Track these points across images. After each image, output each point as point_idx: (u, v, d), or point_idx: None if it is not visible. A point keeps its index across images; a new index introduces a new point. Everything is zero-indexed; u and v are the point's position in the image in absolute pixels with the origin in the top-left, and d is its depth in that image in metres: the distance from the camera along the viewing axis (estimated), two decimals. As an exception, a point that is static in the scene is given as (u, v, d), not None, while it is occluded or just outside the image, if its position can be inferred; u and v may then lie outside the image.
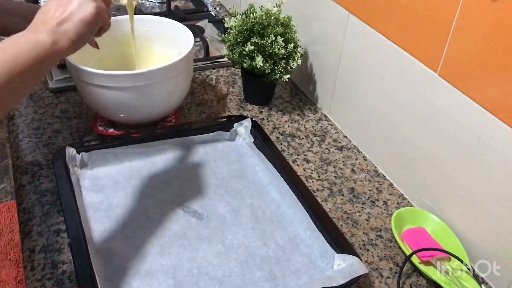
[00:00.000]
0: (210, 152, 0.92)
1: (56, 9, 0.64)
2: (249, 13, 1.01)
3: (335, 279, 0.66)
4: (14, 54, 0.57)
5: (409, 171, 0.87)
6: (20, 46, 0.58)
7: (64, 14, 0.63)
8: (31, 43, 0.59)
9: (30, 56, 0.58)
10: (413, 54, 0.80)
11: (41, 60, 0.60)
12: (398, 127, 0.88)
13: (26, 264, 0.71)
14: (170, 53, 1.00)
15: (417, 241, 0.77)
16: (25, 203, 0.80)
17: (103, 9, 0.68)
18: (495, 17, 0.66)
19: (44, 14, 0.64)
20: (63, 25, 0.63)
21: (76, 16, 0.64)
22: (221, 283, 0.69)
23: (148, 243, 0.73)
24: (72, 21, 0.64)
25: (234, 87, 1.15)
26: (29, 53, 0.58)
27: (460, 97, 0.73)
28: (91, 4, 0.65)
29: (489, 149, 0.70)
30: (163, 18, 1.02)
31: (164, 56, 1.00)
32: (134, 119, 0.93)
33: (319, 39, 1.06)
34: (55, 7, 0.64)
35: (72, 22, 0.64)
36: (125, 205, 0.79)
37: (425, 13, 0.76)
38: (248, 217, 0.79)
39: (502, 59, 0.66)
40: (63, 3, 0.64)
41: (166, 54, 1.01)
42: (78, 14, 0.64)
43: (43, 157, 0.88)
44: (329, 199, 0.87)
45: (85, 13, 0.65)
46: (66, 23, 0.63)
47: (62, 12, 0.63)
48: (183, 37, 0.97)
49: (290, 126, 1.04)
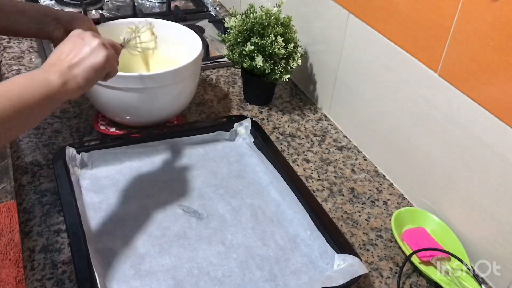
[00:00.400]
0: (210, 152, 0.92)
1: (69, 52, 0.67)
2: (249, 13, 1.01)
3: (335, 279, 0.66)
4: (24, 89, 0.61)
5: (409, 171, 0.87)
6: (31, 84, 0.62)
7: (76, 58, 0.66)
8: (41, 82, 0.62)
9: (39, 93, 0.61)
10: (413, 54, 0.80)
11: (48, 98, 0.62)
12: (398, 127, 0.88)
13: (26, 264, 0.71)
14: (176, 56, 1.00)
15: (417, 241, 0.77)
16: (25, 203, 0.80)
17: (113, 57, 0.71)
18: (495, 17, 0.66)
19: (57, 56, 0.67)
20: (74, 69, 0.66)
21: (87, 62, 0.67)
22: (221, 283, 0.69)
23: (148, 243, 0.73)
24: (82, 66, 0.66)
25: (234, 87, 1.15)
26: (38, 91, 0.61)
27: (460, 97, 0.73)
28: (102, 52, 0.68)
29: (489, 149, 0.70)
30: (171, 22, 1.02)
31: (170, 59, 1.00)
32: (140, 121, 0.93)
33: (319, 39, 1.06)
34: (68, 50, 0.67)
35: (82, 67, 0.66)
36: (125, 205, 0.79)
37: (425, 13, 0.76)
38: (248, 217, 0.79)
39: (502, 59, 0.66)
40: (76, 47, 0.67)
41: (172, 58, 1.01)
42: (89, 60, 0.67)
43: (43, 157, 0.88)
44: (329, 199, 0.87)
45: (96, 60, 0.67)
46: (77, 67, 0.66)
47: (74, 56, 0.66)
48: (190, 40, 0.97)
49: (290, 126, 1.04)
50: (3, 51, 1.17)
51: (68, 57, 0.66)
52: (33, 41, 1.22)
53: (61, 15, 0.89)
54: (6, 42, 1.21)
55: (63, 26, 0.89)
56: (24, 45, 1.20)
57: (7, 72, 1.10)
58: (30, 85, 0.61)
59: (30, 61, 1.14)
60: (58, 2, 1.38)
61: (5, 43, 1.20)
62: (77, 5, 1.36)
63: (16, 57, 1.15)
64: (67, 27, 0.89)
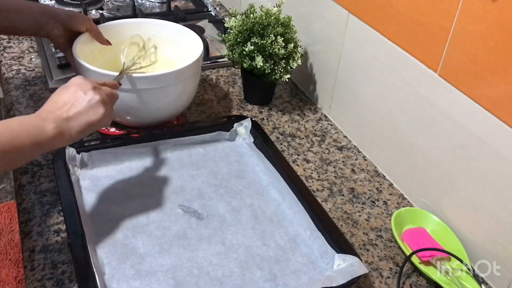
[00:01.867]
0: (210, 152, 0.92)
1: (68, 102, 0.66)
2: (249, 13, 1.01)
3: (335, 279, 0.66)
4: (18, 134, 0.61)
5: (409, 171, 0.87)
6: (25, 129, 0.62)
7: (73, 110, 0.66)
8: (36, 130, 0.62)
9: (30, 140, 0.61)
10: (413, 54, 0.80)
11: (39, 145, 0.63)
12: (398, 127, 0.88)
13: (26, 264, 0.71)
14: (177, 57, 1.00)
15: (417, 241, 0.77)
16: (25, 203, 0.80)
17: (109, 114, 0.71)
18: (495, 17, 0.66)
19: (56, 103, 0.66)
20: (70, 122, 0.66)
21: (84, 118, 0.67)
22: (221, 283, 0.69)
23: (148, 243, 0.73)
24: (79, 121, 0.66)
25: (234, 87, 1.15)
26: (30, 138, 0.61)
27: (460, 97, 0.73)
28: (100, 110, 0.68)
29: (489, 149, 0.70)
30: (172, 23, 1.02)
31: (171, 60, 1.00)
32: (140, 121, 0.93)
33: (319, 39, 1.06)
34: (68, 100, 0.67)
35: (79, 122, 0.66)
36: (125, 205, 0.79)
37: (425, 13, 0.76)
38: (248, 217, 0.79)
39: (502, 59, 0.66)
40: (76, 100, 0.67)
41: (173, 59, 1.01)
42: (87, 117, 0.67)
43: (43, 157, 0.88)
44: (329, 199, 0.87)
45: (94, 118, 0.68)
46: (73, 121, 0.66)
47: (72, 108, 0.66)
48: (190, 41, 0.97)
49: (290, 126, 1.04)
50: (3, 51, 1.17)
51: (66, 107, 0.66)
52: (33, 41, 1.22)
53: (59, 14, 0.89)
54: (6, 42, 1.21)
55: (61, 25, 0.89)
56: (24, 45, 1.20)
57: (7, 72, 1.10)
58: (24, 130, 0.61)
59: (30, 61, 1.14)
60: (58, 2, 1.38)
61: (5, 43, 1.20)
62: (77, 5, 1.36)
63: (16, 57, 1.15)
64: (66, 26, 0.90)
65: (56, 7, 0.95)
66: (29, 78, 1.08)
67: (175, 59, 0.99)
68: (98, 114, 0.68)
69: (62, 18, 0.89)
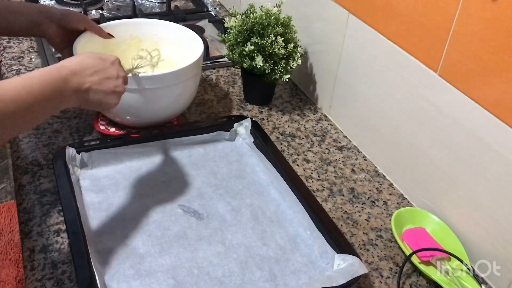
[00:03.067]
0: (210, 152, 0.92)
1: (98, 73, 0.67)
2: (249, 13, 1.01)
3: (335, 279, 0.66)
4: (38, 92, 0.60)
5: (409, 171, 0.87)
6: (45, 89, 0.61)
7: (97, 86, 0.67)
8: (56, 92, 0.62)
9: (49, 102, 0.62)
10: (413, 54, 0.80)
11: (54, 107, 0.64)
12: (398, 127, 0.88)
13: (26, 264, 0.71)
14: (177, 57, 1.00)
15: (417, 241, 0.77)
16: (25, 203, 0.80)
17: (116, 104, 0.72)
18: (495, 17, 0.66)
19: (85, 67, 0.66)
20: (89, 93, 0.67)
21: (102, 98, 0.69)
22: (221, 283, 0.69)
23: (148, 243, 0.73)
24: (96, 98, 0.68)
25: (234, 87, 1.15)
26: (48, 100, 0.62)
27: (460, 97, 0.73)
28: (117, 100, 0.71)
29: (489, 149, 0.70)
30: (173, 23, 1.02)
31: (171, 61, 1.00)
32: (140, 121, 0.93)
33: (319, 39, 1.06)
34: (98, 71, 0.67)
35: (96, 99, 0.68)
36: (125, 205, 0.79)
37: (425, 13, 0.76)
38: (248, 217, 0.79)
39: (502, 59, 0.66)
40: (107, 78, 0.69)
41: (173, 59, 1.01)
42: (105, 99, 0.69)
43: (43, 157, 0.88)
44: (329, 199, 0.87)
45: (109, 102, 0.70)
46: (93, 94, 0.67)
47: (98, 83, 0.67)
48: (191, 42, 0.97)
49: (290, 126, 1.04)
50: (3, 51, 1.17)
51: (94, 78, 0.67)
52: (33, 41, 1.22)
53: (54, 13, 0.89)
54: (6, 42, 1.21)
55: (56, 24, 0.88)
56: (24, 45, 1.20)
57: (7, 72, 1.10)
58: (44, 93, 0.61)
59: (30, 61, 1.14)
60: (58, 2, 1.38)
61: (5, 43, 1.20)
62: (77, 5, 1.36)
63: (16, 57, 1.15)
64: (61, 24, 0.89)
65: (50, 6, 0.94)
66: (29, 78, 1.08)
67: (175, 59, 0.99)
68: (113, 102, 0.70)
69: (57, 17, 0.88)
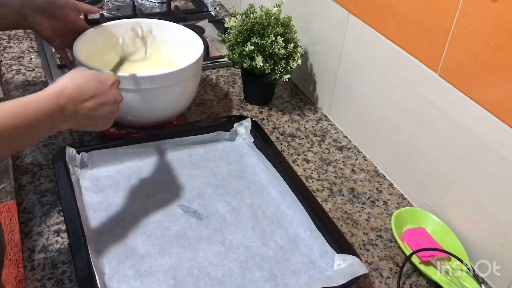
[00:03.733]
0: (210, 152, 0.92)
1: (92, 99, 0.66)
2: (249, 13, 1.01)
3: (335, 279, 0.66)
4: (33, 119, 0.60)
5: (409, 171, 0.87)
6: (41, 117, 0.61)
7: (93, 113, 0.67)
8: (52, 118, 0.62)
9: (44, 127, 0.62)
10: (413, 54, 0.80)
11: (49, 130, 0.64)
12: (398, 127, 0.88)
13: (26, 264, 0.71)
14: (177, 57, 1.00)
15: (417, 241, 0.77)
16: (25, 203, 0.80)
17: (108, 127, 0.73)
18: (495, 17, 0.66)
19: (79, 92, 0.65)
20: (83, 120, 0.67)
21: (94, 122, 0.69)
22: (221, 283, 0.69)
23: (148, 243, 0.73)
24: (88, 121, 0.68)
25: (234, 87, 1.15)
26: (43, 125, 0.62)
27: (460, 97, 0.73)
28: (109, 124, 0.72)
29: (489, 149, 0.70)
30: (173, 24, 1.02)
31: (171, 61, 1.00)
32: (140, 122, 0.93)
33: (319, 39, 1.06)
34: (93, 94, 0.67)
35: (88, 121, 0.68)
36: (125, 205, 0.79)
37: (425, 13, 0.76)
38: (248, 217, 0.79)
39: (502, 59, 0.66)
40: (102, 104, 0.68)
41: (173, 59, 1.01)
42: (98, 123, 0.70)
43: (43, 157, 0.88)
44: (329, 199, 0.87)
45: (102, 127, 0.71)
46: (88, 120, 0.68)
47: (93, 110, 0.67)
48: (191, 42, 0.97)
49: (290, 126, 1.04)
50: (3, 51, 1.17)
51: (90, 104, 0.66)
52: (33, 41, 1.22)
53: (38, 3, 0.88)
54: (6, 42, 1.21)
55: (41, 14, 0.87)
56: (24, 45, 1.20)
57: (7, 72, 1.10)
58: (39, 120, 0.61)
59: (30, 61, 1.14)
60: (58, 2, 1.38)
61: (5, 43, 1.20)
62: (77, 5, 1.36)
63: (16, 57, 1.15)
64: (48, 14, 0.88)
65: None
66: (29, 78, 1.08)
67: (175, 59, 0.99)
68: (105, 126, 0.71)
69: (42, 6, 0.87)
